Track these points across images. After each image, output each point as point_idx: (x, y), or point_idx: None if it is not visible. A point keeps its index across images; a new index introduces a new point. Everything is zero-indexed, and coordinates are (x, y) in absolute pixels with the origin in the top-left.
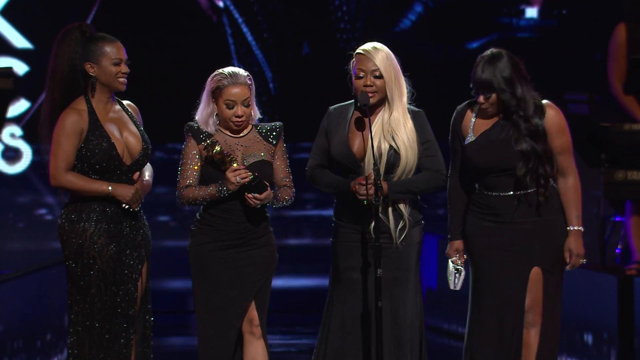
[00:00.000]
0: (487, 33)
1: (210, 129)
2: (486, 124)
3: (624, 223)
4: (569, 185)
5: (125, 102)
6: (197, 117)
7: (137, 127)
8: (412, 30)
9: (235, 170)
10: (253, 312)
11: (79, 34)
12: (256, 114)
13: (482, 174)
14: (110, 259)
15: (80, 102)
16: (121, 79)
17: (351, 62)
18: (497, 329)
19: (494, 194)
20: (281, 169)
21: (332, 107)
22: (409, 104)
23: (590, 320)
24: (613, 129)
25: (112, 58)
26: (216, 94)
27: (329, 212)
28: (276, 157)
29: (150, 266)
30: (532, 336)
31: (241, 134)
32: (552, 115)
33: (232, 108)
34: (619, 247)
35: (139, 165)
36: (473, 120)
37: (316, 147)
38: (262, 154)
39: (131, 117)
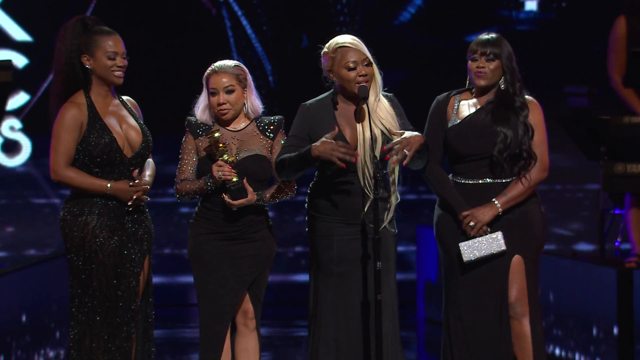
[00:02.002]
0: (487, 26)
1: (207, 120)
2: (470, 109)
3: (624, 216)
4: (531, 173)
5: (124, 98)
6: (197, 111)
7: (137, 120)
8: (412, 22)
9: (221, 165)
10: (248, 305)
11: (80, 26)
12: (255, 107)
13: (462, 160)
14: (112, 253)
15: (80, 96)
16: (116, 73)
17: (324, 58)
18: (479, 320)
19: (471, 182)
20: None
21: (307, 103)
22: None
23: (589, 312)
24: (612, 121)
25: (107, 51)
26: (206, 84)
27: None
28: (273, 152)
29: (152, 260)
30: (524, 327)
31: (239, 128)
32: (535, 106)
33: (215, 96)
34: (618, 240)
35: (140, 158)
36: (456, 106)
37: (290, 145)
38: (257, 148)
39: (130, 111)
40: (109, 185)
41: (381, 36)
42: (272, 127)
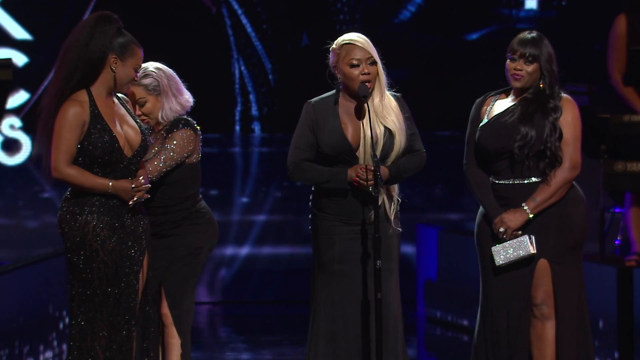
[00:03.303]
0: (487, 24)
1: None
2: (501, 109)
3: (624, 214)
4: (557, 173)
5: (119, 95)
6: None
7: (134, 119)
8: (412, 21)
9: None
10: (164, 301)
11: (113, 24)
12: (169, 113)
13: (493, 159)
14: (113, 251)
15: (82, 94)
16: (130, 84)
17: (331, 54)
18: (505, 320)
19: (504, 182)
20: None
21: (312, 101)
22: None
23: (589, 311)
24: (612, 120)
25: (137, 63)
26: None
27: None
28: (161, 146)
29: (151, 258)
30: (547, 329)
31: (158, 129)
32: (570, 103)
33: (135, 106)
34: (618, 238)
35: (139, 157)
36: (491, 105)
37: (299, 141)
38: (156, 149)
39: (128, 110)
40: (110, 184)
41: (381, 35)
42: (167, 128)
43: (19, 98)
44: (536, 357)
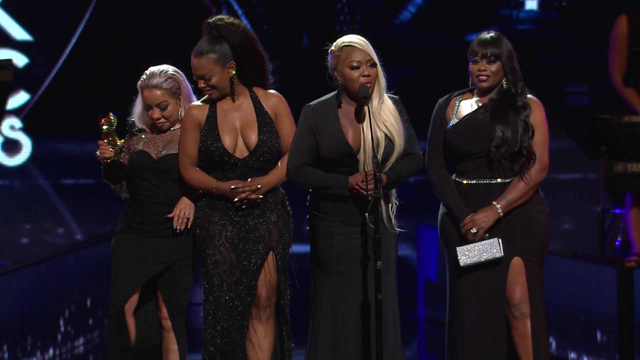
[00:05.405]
0: (487, 25)
1: (143, 124)
2: (469, 109)
3: (624, 215)
4: (530, 174)
5: (272, 92)
6: (134, 114)
7: (262, 120)
8: (412, 21)
9: (99, 143)
10: (163, 307)
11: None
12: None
13: (462, 159)
14: (224, 248)
15: (207, 99)
16: (205, 91)
17: (331, 56)
18: (479, 320)
19: (471, 182)
20: None
21: (312, 104)
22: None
23: (589, 312)
24: (613, 120)
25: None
26: (140, 93)
27: None
28: None
29: (281, 259)
30: (528, 327)
31: (172, 128)
32: (537, 104)
33: (150, 110)
34: (618, 239)
35: (255, 159)
36: (457, 106)
37: (299, 144)
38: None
39: (260, 110)
40: (214, 184)
41: (381, 35)
42: None
43: (19, 99)
44: (524, 358)
